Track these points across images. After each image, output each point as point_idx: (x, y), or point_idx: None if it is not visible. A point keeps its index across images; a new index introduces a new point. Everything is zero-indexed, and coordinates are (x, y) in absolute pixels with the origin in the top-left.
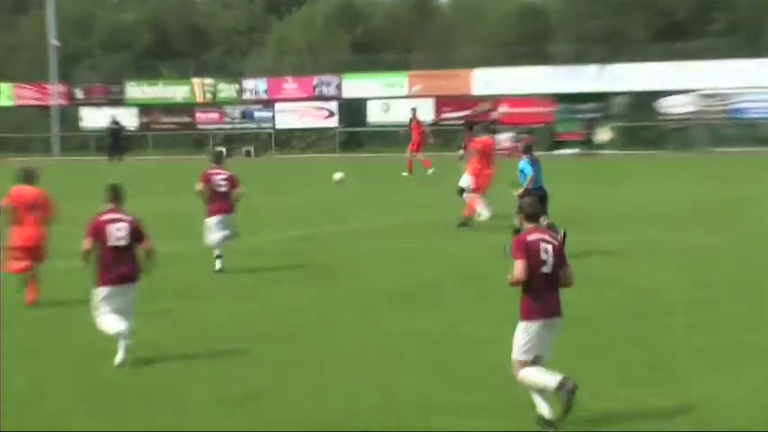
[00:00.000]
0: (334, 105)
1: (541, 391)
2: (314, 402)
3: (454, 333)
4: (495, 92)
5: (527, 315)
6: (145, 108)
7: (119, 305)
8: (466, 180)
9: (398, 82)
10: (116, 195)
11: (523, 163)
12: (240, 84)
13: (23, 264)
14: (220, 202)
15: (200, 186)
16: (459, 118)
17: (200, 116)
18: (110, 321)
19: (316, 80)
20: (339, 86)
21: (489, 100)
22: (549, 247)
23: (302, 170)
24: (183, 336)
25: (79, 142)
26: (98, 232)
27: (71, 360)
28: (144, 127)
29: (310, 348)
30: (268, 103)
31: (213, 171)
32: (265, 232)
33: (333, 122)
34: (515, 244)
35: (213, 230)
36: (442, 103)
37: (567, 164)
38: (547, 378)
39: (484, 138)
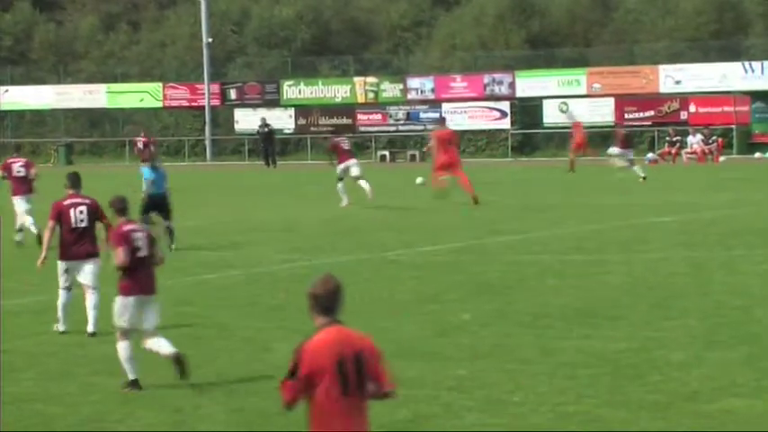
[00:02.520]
0: (506, 105)
1: (127, 361)
2: (483, 427)
3: (640, 354)
4: (684, 90)
5: (125, 291)
6: (302, 109)
7: (79, 278)
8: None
9: (576, 79)
10: (75, 181)
11: (144, 170)
12: (405, 83)
13: None
14: (20, 185)
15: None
16: (644, 119)
17: (361, 118)
18: (64, 296)
19: (486, 78)
20: (512, 85)
21: (677, 98)
22: (141, 235)
23: (470, 176)
24: None
25: (233, 146)
26: (60, 215)
27: (218, 380)
28: (301, 129)
29: (476, 368)
30: (435, 104)
31: (12, 160)
32: (423, 244)
33: (505, 124)
34: (115, 235)
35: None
36: (625, 102)
37: (765, 168)
38: (129, 367)
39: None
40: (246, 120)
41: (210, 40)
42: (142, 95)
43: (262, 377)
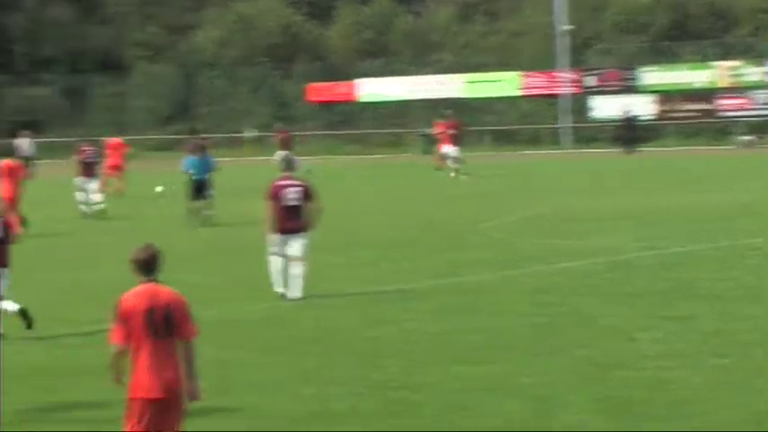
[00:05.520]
0: None
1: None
2: None
3: None
4: None
5: None
6: (662, 95)
7: (289, 251)
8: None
9: None
10: (290, 165)
11: (188, 161)
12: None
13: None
14: (88, 169)
15: None
16: None
17: (722, 103)
18: (276, 262)
19: None
20: None
21: None
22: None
23: None
24: (710, 343)
25: (590, 133)
26: (276, 194)
27: (579, 369)
28: (661, 115)
29: None
30: None
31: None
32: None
33: None
34: None
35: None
36: None
37: None
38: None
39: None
40: (605, 107)
41: (568, 27)
42: (499, 84)
43: (626, 366)
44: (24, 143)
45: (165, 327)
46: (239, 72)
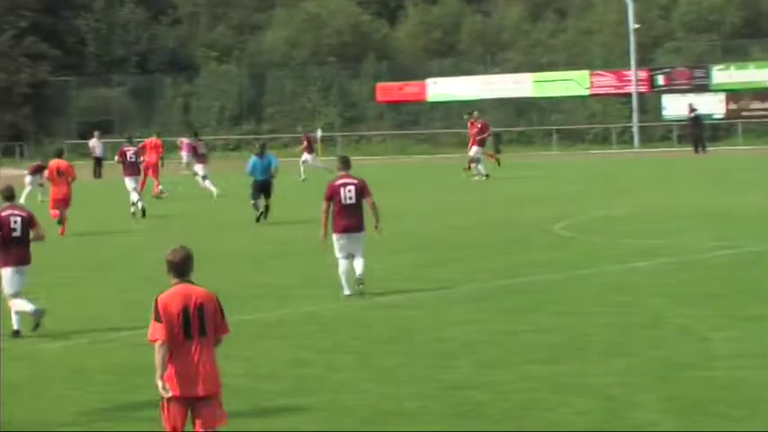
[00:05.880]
0: None
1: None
2: None
3: None
4: None
5: (4, 264)
6: (733, 94)
7: (349, 249)
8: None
9: None
10: (345, 163)
11: (252, 160)
12: None
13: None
14: (131, 168)
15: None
16: None
17: None
18: (342, 264)
19: None
20: None
21: None
22: (18, 219)
23: None
24: None
25: (661, 133)
26: (333, 194)
27: (650, 369)
28: (732, 114)
29: None
30: None
31: (126, 148)
32: None
33: None
34: None
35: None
36: None
37: None
38: (17, 319)
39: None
40: (674, 106)
41: (637, 26)
42: (568, 84)
43: (696, 366)
44: (97, 144)
45: (199, 326)
46: (308, 72)
